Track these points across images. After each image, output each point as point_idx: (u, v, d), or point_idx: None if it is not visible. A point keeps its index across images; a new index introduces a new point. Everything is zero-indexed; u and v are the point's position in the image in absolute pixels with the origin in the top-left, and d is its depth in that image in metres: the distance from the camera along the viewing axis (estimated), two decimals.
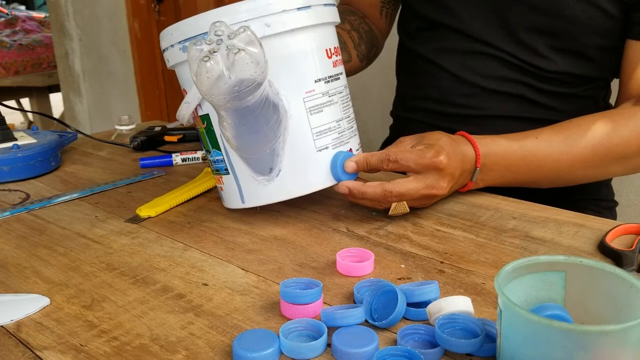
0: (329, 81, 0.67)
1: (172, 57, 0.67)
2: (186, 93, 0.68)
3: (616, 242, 0.62)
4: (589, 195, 0.92)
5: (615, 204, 0.97)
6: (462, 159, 0.68)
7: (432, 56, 0.89)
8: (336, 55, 0.69)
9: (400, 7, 1.01)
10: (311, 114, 0.66)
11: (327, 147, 0.67)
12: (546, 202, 0.75)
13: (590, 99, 0.87)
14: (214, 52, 0.56)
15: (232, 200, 0.70)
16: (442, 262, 0.60)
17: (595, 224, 0.68)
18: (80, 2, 2.82)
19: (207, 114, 0.67)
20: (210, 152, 0.70)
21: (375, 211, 0.73)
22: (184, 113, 0.67)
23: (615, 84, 0.89)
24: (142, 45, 2.62)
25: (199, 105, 0.67)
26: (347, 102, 0.70)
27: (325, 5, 0.66)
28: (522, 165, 0.73)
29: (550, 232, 0.66)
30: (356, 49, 0.94)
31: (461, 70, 0.87)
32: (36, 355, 0.46)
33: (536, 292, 0.44)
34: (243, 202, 0.69)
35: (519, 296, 0.43)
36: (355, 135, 0.72)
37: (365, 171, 0.69)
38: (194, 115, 0.69)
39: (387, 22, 1.02)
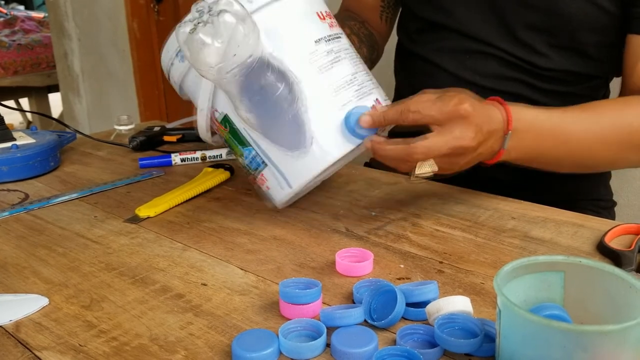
0: (329, 40, 0.66)
1: (176, 72, 0.67)
2: (196, 102, 0.68)
3: (615, 242, 0.62)
4: (588, 196, 0.92)
5: (614, 203, 0.97)
6: (489, 116, 0.64)
7: (431, 56, 0.89)
8: (329, 18, 0.68)
9: (399, 10, 1.01)
10: (322, 73, 0.64)
11: (350, 101, 0.65)
12: (545, 202, 0.75)
13: (589, 98, 0.87)
14: (198, 23, 0.57)
15: (279, 192, 0.67)
16: (441, 262, 0.60)
17: (594, 224, 0.68)
18: (80, 2, 2.81)
19: (225, 114, 0.66)
20: (242, 155, 0.68)
21: (374, 211, 0.73)
22: (201, 122, 0.67)
23: (614, 83, 0.90)
24: (142, 45, 2.62)
25: (215, 110, 0.66)
26: (357, 58, 0.69)
27: None
28: (550, 137, 0.70)
29: (549, 232, 0.66)
30: (357, 52, 0.94)
31: (460, 70, 0.87)
32: (35, 355, 0.46)
33: (535, 292, 0.44)
34: (290, 186, 0.66)
35: (518, 296, 0.43)
36: (378, 87, 0.69)
37: (382, 126, 0.64)
38: (214, 124, 0.68)
39: (387, 25, 1.02)
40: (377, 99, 0.67)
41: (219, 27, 0.56)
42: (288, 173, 0.66)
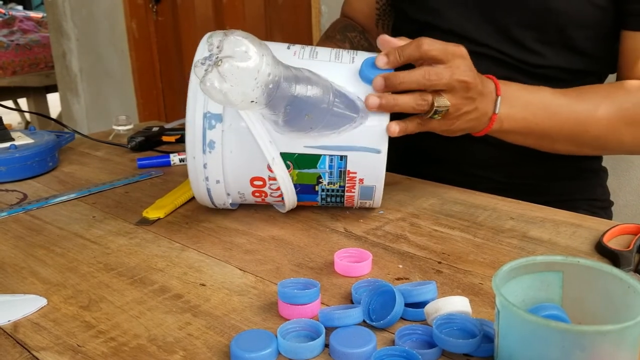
0: (292, 45, 0.68)
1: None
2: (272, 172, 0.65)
3: (613, 243, 0.62)
4: (584, 195, 0.92)
5: (611, 203, 0.97)
6: (482, 77, 0.68)
7: None
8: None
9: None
10: (315, 56, 0.66)
11: (353, 55, 0.67)
12: (541, 202, 0.75)
13: None
14: (207, 70, 0.55)
15: (376, 166, 0.65)
16: (439, 263, 0.60)
17: (593, 224, 0.68)
18: (78, 1, 2.81)
19: (280, 154, 0.64)
20: (321, 175, 0.66)
21: (382, 209, 0.73)
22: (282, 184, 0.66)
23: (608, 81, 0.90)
24: (140, 45, 2.62)
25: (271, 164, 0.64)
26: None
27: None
28: (540, 108, 0.73)
29: (547, 232, 0.66)
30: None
31: None
32: (33, 355, 0.46)
33: (534, 292, 0.44)
34: (379, 151, 0.65)
35: (517, 296, 0.43)
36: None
37: (398, 64, 0.65)
38: (284, 170, 0.65)
39: (384, 33, 1.02)
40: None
41: (225, 76, 0.54)
42: (369, 142, 0.64)
